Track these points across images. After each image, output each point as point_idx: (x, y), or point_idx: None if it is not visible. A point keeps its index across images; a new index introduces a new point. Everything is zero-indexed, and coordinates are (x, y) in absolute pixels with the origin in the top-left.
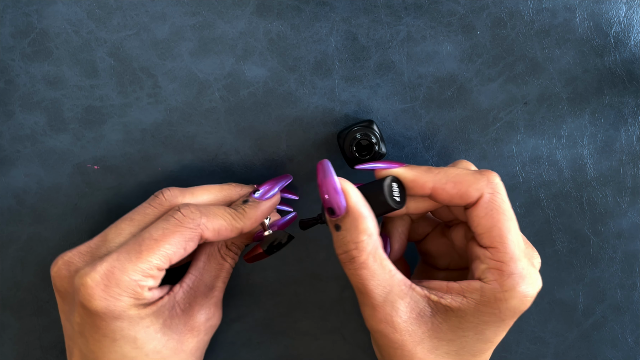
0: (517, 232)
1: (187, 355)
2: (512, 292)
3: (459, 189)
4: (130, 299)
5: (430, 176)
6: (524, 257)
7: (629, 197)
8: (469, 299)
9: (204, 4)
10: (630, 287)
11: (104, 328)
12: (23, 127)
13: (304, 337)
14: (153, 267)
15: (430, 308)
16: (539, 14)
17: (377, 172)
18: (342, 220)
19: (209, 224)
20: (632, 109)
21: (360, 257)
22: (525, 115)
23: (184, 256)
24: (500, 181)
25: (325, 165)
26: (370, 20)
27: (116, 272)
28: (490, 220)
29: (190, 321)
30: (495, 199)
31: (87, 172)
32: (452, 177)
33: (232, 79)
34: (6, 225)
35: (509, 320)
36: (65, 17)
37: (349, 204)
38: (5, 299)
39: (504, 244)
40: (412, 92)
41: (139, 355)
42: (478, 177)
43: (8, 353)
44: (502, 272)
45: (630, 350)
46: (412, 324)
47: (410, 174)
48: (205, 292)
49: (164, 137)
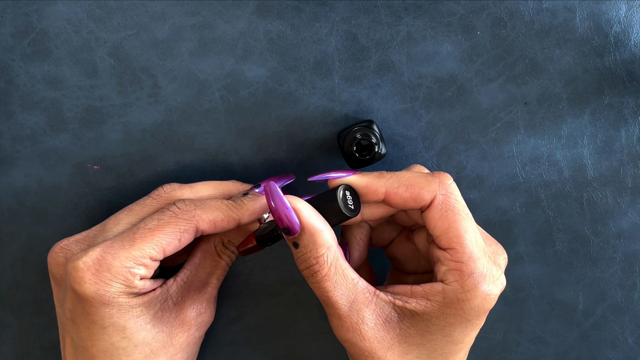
0: (475, 231)
1: (176, 349)
2: (473, 292)
3: (411, 192)
4: (121, 286)
5: (383, 181)
6: (483, 256)
7: (629, 197)
8: (432, 301)
9: (204, 4)
10: (631, 287)
11: (93, 314)
12: (23, 127)
13: (304, 337)
14: (146, 256)
15: (396, 313)
16: (539, 14)
17: (330, 182)
18: (299, 238)
19: (204, 215)
20: (632, 109)
21: (322, 270)
22: (525, 115)
23: (178, 248)
24: (453, 182)
25: (272, 187)
26: (370, 20)
27: (108, 258)
28: (446, 222)
29: (181, 315)
30: (448, 200)
31: (87, 172)
32: (403, 181)
33: (232, 79)
34: (6, 225)
35: (475, 320)
36: (65, 17)
37: (302, 221)
38: (5, 299)
39: (462, 244)
40: (412, 92)
41: (128, 346)
42: (430, 179)
43: (8, 353)
44: (462, 272)
45: (630, 351)
46: (380, 330)
47: (363, 180)
48: (198, 287)
49: (164, 137)
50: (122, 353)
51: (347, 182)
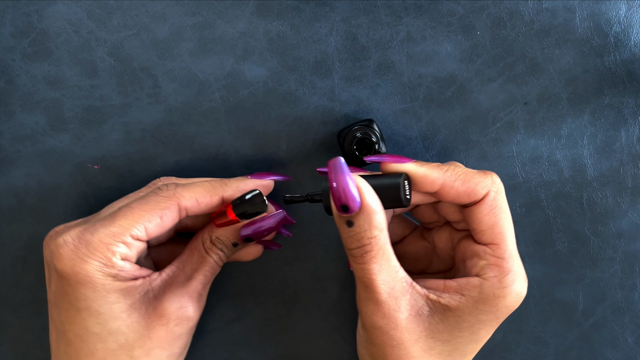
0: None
1: (153, 343)
2: (509, 289)
3: (467, 186)
4: (99, 264)
5: (440, 173)
6: (518, 257)
7: (629, 197)
8: (467, 296)
9: (204, 4)
10: (631, 287)
11: (70, 294)
12: (23, 127)
13: (304, 337)
14: (125, 232)
15: (428, 307)
16: (539, 14)
17: (386, 166)
18: (355, 217)
19: (186, 192)
20: (632, 109)
21: (372, 251)
22: (525, 115)
23: (162, 228)
24: (501, 181)
25: (337, 163)
26: (370, 20)
27: (87, 235)
28: (494, 218)
29: (160, 307)
30: (498, 198)
31: (87, 172)
32: (461, 175)
33: (232, 79)
34: (6, 224)
35: (502, 319)
36: (65, 17)
37: (364, 201)
38: (5, 299)
39: (505, 241)
40: (412, 92)
41: (102, 333)
42: (484, 175)
43: (8, 353)
44: (501, 268)
45: (630, 351)
46: (412, 322)
47: (422, 170)
48: (183, 282)
49: (164, 137)
50: (96, 339)
51: (406, 169)
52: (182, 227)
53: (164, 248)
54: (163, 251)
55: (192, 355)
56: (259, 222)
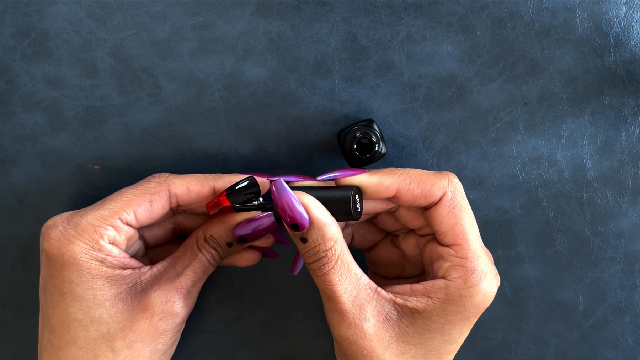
0: (477, 230)
1: (136, 337)
2: (476, 288)
3: (422, 188)
4: (85, 245)
5: (394, 177)
6: (484, 255)
7: (629, 197)
8: (434, 299)
9: (204, 4)
10: (631, 287)
11: (56, 276)
12: (24, 127)
13: (304, 337)
14: (114, 215)
15: (396, 312)
16: (539, 14)
17: (339, 181)
18: (308, 233)
19: (177, 180)
20: (632, 109)
21: (330, 262)
22: (525, 115)
23: (152, 214)
24: (459, 181)
25: (279, 185)
26: (370, 21)
27: (76, 217)
28: (453, 218)
29: (145, 299)
30: (456, 197)
31: (87, 172)
32: (415, 177)
33: (232, 79)
34: (7, 225)
35: (473, 319)
36: (65, 17)
37: (312, 217)
38: (5, 299)
39: (467, 241)
40: (412, 92)
41: (84, 319)
42: (439, 176)
43: (8, 353)
44: (465, 268)
45: (630, 351)
46: (380, 328)
47: (374, 179)
48: (172, 277)
49: (164, 137)
50: (78, 326)
51: (360, 180)
52: (181, 228)
53: (162, 249)
54: (162, 252)
55: (192, 355)
56: (252, 222)
